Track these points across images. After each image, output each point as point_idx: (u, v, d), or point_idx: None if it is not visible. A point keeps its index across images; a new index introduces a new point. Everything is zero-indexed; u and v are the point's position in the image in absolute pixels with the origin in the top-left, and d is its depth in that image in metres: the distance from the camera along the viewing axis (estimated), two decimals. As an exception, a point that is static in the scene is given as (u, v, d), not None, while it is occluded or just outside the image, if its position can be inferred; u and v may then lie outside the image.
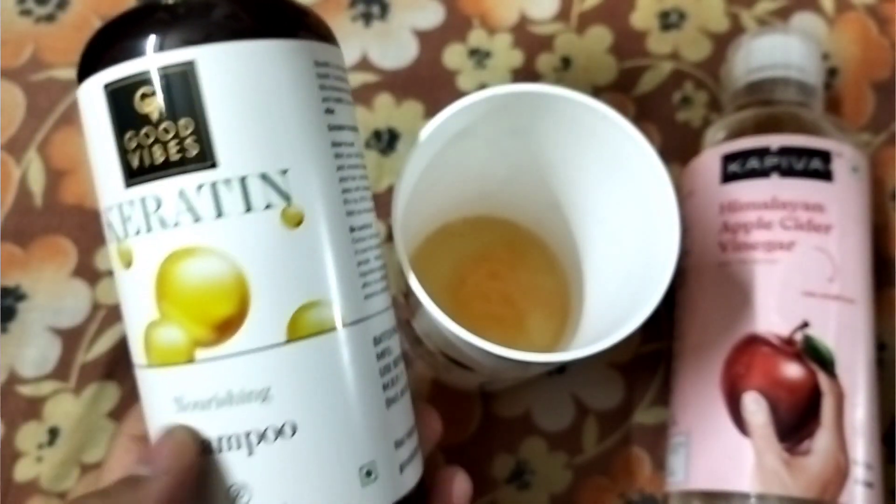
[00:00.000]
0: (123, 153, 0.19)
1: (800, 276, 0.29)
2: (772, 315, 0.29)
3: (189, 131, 0.18)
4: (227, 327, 0.19)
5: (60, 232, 0.35)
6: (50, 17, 0.37)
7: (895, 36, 0.38)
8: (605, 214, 0.29)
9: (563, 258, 0.32)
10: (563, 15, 0.39)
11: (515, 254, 0.33)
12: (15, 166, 0.35)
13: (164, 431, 0.20)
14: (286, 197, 0.19)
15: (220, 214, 0.18)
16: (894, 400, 0.32)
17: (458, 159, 0.27)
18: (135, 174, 0.19)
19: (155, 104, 0.18)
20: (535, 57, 0.38)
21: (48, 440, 0.32)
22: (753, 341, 0.29)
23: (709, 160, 0.32)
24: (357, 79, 0.37)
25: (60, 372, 0.33)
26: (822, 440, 0.28)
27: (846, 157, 0.31)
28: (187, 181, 0.18)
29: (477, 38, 0.38)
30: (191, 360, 0.19)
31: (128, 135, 0.19)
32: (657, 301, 0.23)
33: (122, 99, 0.19)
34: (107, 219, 0.20)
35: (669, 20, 0.39)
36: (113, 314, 0.34)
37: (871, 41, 0.39)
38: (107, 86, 0.19)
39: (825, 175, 0.30)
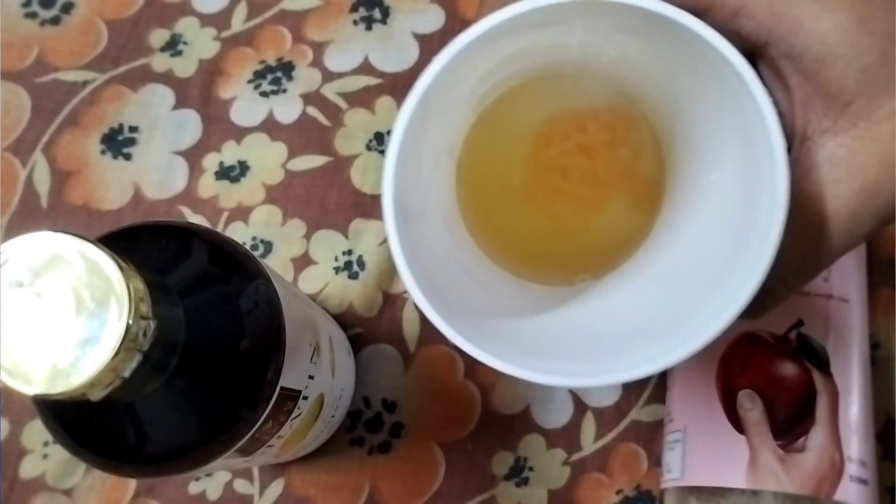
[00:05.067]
0: None
1: (794, 275, 0.30)
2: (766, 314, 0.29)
3: None
4: None
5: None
6: (55, 20, 0.38)
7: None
8: (710, 165, 0.24)
9: (669, 154, 0.26)
10: (561, 18, 0.39)
11: (617, 130, 0.27)
12: (21, 167, 0.36)
13: None
14: None
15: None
16: (889, 398, 0.33)
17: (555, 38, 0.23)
18: None
19: None
20: (534, 60, 0.38)
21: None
22: (749, 339, 0.29)
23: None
24: (358, 82, 0.38)
25: (66, 370, 0.33)
26: (816, 437, 0.28)
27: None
28: None
29: (476, 41, 0.39)
30: None
31: None
32: (732, 316, 0.19)
33: None
34: None
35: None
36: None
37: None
38: None
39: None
